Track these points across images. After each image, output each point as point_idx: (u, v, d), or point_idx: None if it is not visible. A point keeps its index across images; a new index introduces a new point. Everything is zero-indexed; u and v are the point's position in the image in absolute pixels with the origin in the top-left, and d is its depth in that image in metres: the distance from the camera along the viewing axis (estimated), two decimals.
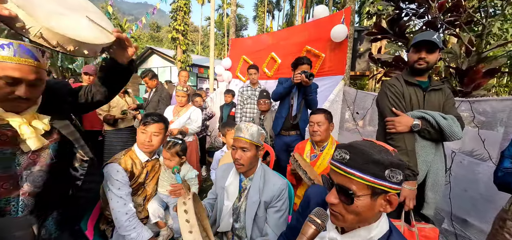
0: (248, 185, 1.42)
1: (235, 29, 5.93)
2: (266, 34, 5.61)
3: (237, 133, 1.39)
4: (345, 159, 0.73)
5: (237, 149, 1.36)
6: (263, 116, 3.15)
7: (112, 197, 1.45)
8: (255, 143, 1.36)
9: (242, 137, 1.35)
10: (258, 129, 1.38)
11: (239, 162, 1.35)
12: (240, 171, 1.41)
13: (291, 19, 31.30)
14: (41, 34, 0.75)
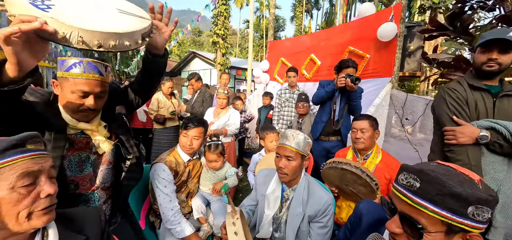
0: (290, 195, 1.37)
1: (273, 31, 5.95)
2: (305, 36, 5.50)
3: (282, 140, 1.33)
4: (414, 186, 0.62)
5: (282, 157, 1.30)
6: (301, 120, 3.09)
7: (159, 194, 1.58)
8: (301, 153, 1.30)
9: (287, 146, 1.28)
10: (305, 138, 1.31)
11: (283, 171, 1.30)
12: (283, 180, 1.36)
13: (331, 18, 30.07)
14: (81, 39, 0.74)
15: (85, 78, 1.02)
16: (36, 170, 0.66)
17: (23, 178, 0.63)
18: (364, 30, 3.73)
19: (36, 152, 0.67)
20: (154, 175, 1.60)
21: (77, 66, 1.01)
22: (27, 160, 0.64)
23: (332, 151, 2.52)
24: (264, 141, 2.23)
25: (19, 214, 0.63)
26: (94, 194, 1.21)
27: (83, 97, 1.03)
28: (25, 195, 0.63)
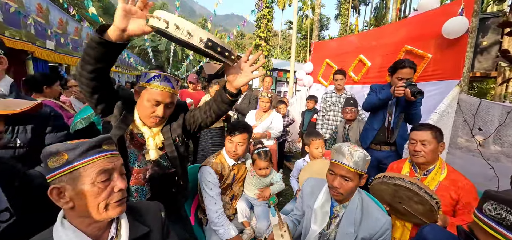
0: (340, 212, 1.27)
1: (318, 32, 5.75)
2: (353, 35, 5.17)
3: (337, 156, 1.20)
4: (508, 220, 0.52)
5: (336, 176, 1.19)
6: (348, 126, 2.90)
7: (206, 196, 1.66)
8: (359, 172, 1.18)
9: (345, 165, 1.15)
10: (365, 156, 1.18)
11: (338, 191, 1.19)
12: (336, 199, 1.26)
13: (381, 14, 27.67)
14: (188, 32, 0.93)
15: (160, 90, 1.16)
16: (110, 168, 0.76)
17: (101, 174, 0.73)
18: (425, 26, 3.31)
19: (110, 152, 0.78)
20: (201, 177, 1.69)
21: (156, 78, 1.16)
22: (103, 159, 0.75)
23: (384, 161, 2.30)
24: (309, 147, 2.15)
25: (99, 205, 0.73)
26: (144, 188, 1.30)
27: (155, 106, 1.17)
28: (103, 189, 0.73)
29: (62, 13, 6.58)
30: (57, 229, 0.73)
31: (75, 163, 0.71)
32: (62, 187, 0.71)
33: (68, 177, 0.71)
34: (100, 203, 0.73)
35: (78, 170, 0.71)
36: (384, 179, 1.47)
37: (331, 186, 1.22)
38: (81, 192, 0.71)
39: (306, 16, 34.89)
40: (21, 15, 4.65)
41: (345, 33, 23.84)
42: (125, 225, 0.82)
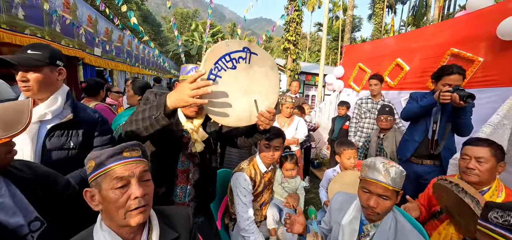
0: (371, 231, 1.17)
1: (349, 34, 5.51)
2: (390, 38, 4.86)
3: (371, 173, 1.10)
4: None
5: (372, 195, 1.10)
6: (383, 135, 2.71)
7: (238, 202, 1.67)
8: (397, 190, 1.09)
9: (382, 182, 1.06)
10: (401, 172, 1.09)
11: (374, 211, 1.10)
12: (372, 218, 1.16)
13: (421, 13, 25.61)
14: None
15: None
16: (127, 175, 0.77)
17: (117, 181, 0.75)
18: (476, 26, 2.97)
19: (129, 159, 0.79)
20: (235, 183, 1.70)
21: (192, 70, 1.29)
22: (121, 166, 0.77)
23: (425, 177, 2.10)
24: (340, 156, 2.06)
25: (118, 211, 0.75)
26: (187, 188, 1.41)
27: None
28: (120, 196, 0.75)
29: (108, 23, 7.27)
30: (97, 230, 0.79)
31: (99, 170, 0.76)
32: (93, 191, 0.78)
33: (95, 182, 0.77)
34: (119, 209, 0.75)
35: (101, 176, 0.76)
36: (453, 187, 1.32)
37: (366, 206, 1.12)
38: (104, 197, 0.75)
39: (336, 17, 33.79)
40: (74, 26, 5.23)
41: (379, 34, 22.48)
42: (156, 230, 0.85)
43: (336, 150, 2.12)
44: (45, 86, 1.17)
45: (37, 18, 4.25)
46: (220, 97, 1.03)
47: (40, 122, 1.16)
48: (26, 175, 0.89)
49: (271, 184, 1.93)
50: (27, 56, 1.13)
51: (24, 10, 3.91)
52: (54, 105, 1.18)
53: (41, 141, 1.14)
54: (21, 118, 0.72)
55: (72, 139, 1.23)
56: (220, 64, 1.01)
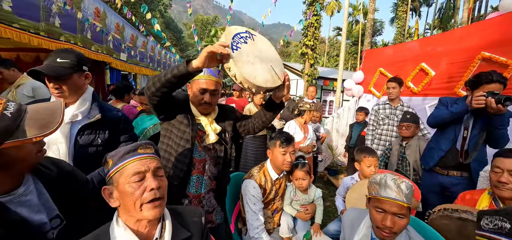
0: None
1: (370, 39, 5.36)
2: (413, 41, 4.66)
3: (384, 192, 1.05)
4: (506, 228, 0.59)
5: (387, 214, 1.05)
6: (405, 143, 2.59)
7: (248, 210, 1.67)
8: (410, 206, 1.05)
9: (396, 200, 1.02)
10: (411, 186, 1.06)
11: (392, 231, 1.04)
12: (386, 238, 1.09)
13: (448, 15, 24.27)
14: (240, 81, 1.12)
15: (204, 79, 1.37)
16: (143, 170, 0.82)
17: (134, 175, 0.80)
18: (510, 29, 2.77)
19: (144, 155, 0.84)
20: (245, 190, 1.70)
21: (201, 71, 1.35)
22: (136, 161, 0.82)
23: (451, 189, 1.97)
24: (359, 164, 1.99)
25: (134, 204, 0.79)
26: (204, 179, 1.46)
27: (202, 94, 1.38)
28: (136, 189, 0.80)
29: (133, 30, 7.68)
30: (113, 226, 0.83)
31: (116, 166, 0.81)
32: (110, 188, 0.83)
33: (113, 178, 0.82)
34: (135, 202, 0.79)
35: (118, 172, 0.81)
36: (446, 212, 1.25)
37: (382, 226, 1.06)
38: (122, 191, 0.80)
39: (356, 21, 33.01)
40: (103, 33, 5.60)
41: (402, 38, 21.55)
42: (169, 228, 0.88)
43: (355, 157, 2.05)
44: (75, 90, 1.29)
45: (71, 26, 4.60)
46: (245, 62, 1.15)
47: (71, 123, 1.27)
48: (52, 173, 0.94)
49: (283, 191, 1.89)
50: (57, 65, 1.22)
51: (60, 19, 4.25)
52: (83, 107, 1.30)
53: (73, 140, 1.26)
54: (54, 118, 0.75)
55: (100, 136, 1.35)
56: (235, 40, 1.18)
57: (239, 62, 1.11)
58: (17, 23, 3.49)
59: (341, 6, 31.12)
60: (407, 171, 2.54)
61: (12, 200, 0.78)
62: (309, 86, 4.60)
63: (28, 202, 0.82)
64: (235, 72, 1.10)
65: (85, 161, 1.25)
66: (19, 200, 0.80)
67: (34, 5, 3.77)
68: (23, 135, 0.68)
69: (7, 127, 0.66)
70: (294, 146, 1.74)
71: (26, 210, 0.80)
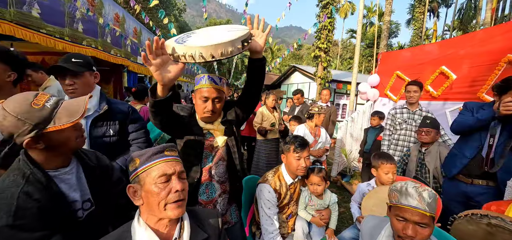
0: None
1: (386, 41, 5.23)
2: (432, 44, 4.49)
3: (405, 200, 1.02)
4: None
5: (409, 223, 1.01)
6: (425, 149, 2.49)
7: (262, 214, 1.66)
8: (433, 215, 1.01)
9: (418, 209, 0.98)
10: (435, 195, 1.02)
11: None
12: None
13: (469, 16, 23.24)
14: (200, 54, 1.02)
15: (206, 87, 1.37)
16: (170, 173, 0.86)
17: (161, 176, 0.84)
18: None
19: (170, 157, 0.89)
20: (260, 194, 1.69)
21: (202, 79, 1.40)
22: (163, 163, 0.86)
23: (476, 199, 1.88)
24: (376, 170, 1.93)
25: (159, 203, 0.83)
26: (213, 185, 1.48)
27: (204, 102, 1.39)
28: (162, 189, 0.83)
29: (150, 34, 7.93)
30: (134, 225, 0.86)
31: (143, 166, 0.85)
32: (136, 186, 0.86)
33: (139, 177, 0.85)
34: (160, 202, 0.83)
35: (145, 171, 0.85)
36: (474, 217, 1.19)
37: (403, 235, 1.03)
38: (147, 191, 0.84)
39: (370, 23, 32.33)
40: (122, 37, 5.82)
41: (419, 40, 20.83)
42: (187, 229, 0.90)
43: (372, 163, 2.00)
44: (87, 87, 1.44)
45: (93, 31, 4.82)
46: (195, 39, 1.09)
47: (85, 118, 1.43)
48: (92, 163, 1.08)
49: (298, 195, 1.88)
50: (74, 63, 1.39)
51: (83, 24, 4.47)
52: (92, 102, 1.45)
53: (87, 132, 1.41)
54: (79, 108, 0.91)
55: (111, 128, 1.48)
56: (178, 40, 1.11)
57: (189, 43, 1.05)
58: (45, 29, 3.70)
59: (354, 8, 30.60)
60: (427, 178, 2.44)
61: (57, 176, 0.95)
62: (323, 89, 4.55)
63: (68, 180, 0.98)
64: (186, 50, 1.02)
65: (102, 151, 1.34)
66: (62, 177, 0.96)
67: (60, 11, 3.99)
68: (59, 122, 0.86)
69: (45, 116, 0.85)
70: (308, 151, 1.72)
71: (65, 186, 0.96)
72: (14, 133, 0.83)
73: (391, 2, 8.33)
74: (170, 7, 25.94)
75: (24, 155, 0.89)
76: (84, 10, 4.33)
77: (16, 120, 0.81)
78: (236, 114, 1.56)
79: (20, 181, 0.85)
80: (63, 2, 3.98)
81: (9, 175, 0.87)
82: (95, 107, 1.46)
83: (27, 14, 3.40)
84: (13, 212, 0.80)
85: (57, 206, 0.91)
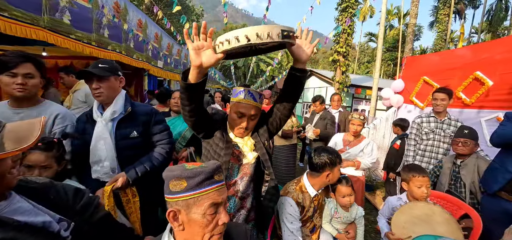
0: None
1: (411, 44, 4.98)
2: (464, 48, 4.23)
3: None
4: None
5: None
6: (460, 161, 2.30)
7: (285, 229, 1.58)
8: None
9: None
10: None
11: None
12: None
13: (499, 18, 21.81)
14: (245, 36, 0.98)
15: (244, 103, 1.29)
16: (220, 202, 0.77)
17: (211, 207, 0.75)
18: None
19: (220, 184, 0.79)
20: (281, 208, 1.62)
21: (241, 93, 1.31)
22: (214, 191, 0.76)
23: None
24: (408, 184, 1.80)
25: (204, 236, 0.76)
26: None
27: (239, 117, 1.32)
28: (210, 221, 0.76)
29: (170, 39, 8.16)
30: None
31: (192, 192, 0.74)
32: (178, 211, 0.76)
33: (184, 203, 0.75)
34: (205, 234, 0.76)
35: (193, 198, 0.74)
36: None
37: None
38: (192, 220, 0.75)
39: (390, 26, 31.28)
40: (144, 42, 6.02)
41: (444, 44, 19.79)
42: None
43: (402, 176, 1.87)
44: (112, 91, 1.49)
45: (117, 36, 5.02)
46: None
47: (112, 120, 1.49)
48: (32, 185, 0.85)
49: (322, 207, 1.78)
50: (100, 68, 1.45)
51: (109, 30, 4.66)
52: (118, 105, 1.51)
53: (114, 133, 1.49)
54: (32, 133, 0.70)
55: (135, 129, 1.53)
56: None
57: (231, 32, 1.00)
58: (74, 34, 3.90)
59: (374, 11, 29.79)
60: (462, 193, 2.25)
61: (3, 210, 0.71)
62: (333, 95, 4.42)
63: (20, 208, 0.75)
64: (229, 36, 0.99)
65: (125, 152, 1.49)
66: (8, 209, 0.72)
67: (88, 18, 4.19)
68: (1, 149, 0.63)
69: None
70: (340, 165, 1.62)
71: (21, 216, 0.73)
72: None
73: (417, 4, 7.95)
74: (189, 13, 26.67)
75: None
76: (111, 16, 4.51)
77: None
78: (267, 127, 1.45)
79: None
80: (91, 9, 4.17)
81: None
82: (120, 109, 1.51)
83: (59, 21, 3.60)
84: None
85: (35, 232, 0.72)
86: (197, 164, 0.81)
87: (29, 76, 1.35)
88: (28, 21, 3.06)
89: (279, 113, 1.40)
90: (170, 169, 0.78)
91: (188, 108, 1.18)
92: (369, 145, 2.66)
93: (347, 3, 9.20)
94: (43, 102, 1.50)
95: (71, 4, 3.77)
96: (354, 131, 2.67)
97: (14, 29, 2.80)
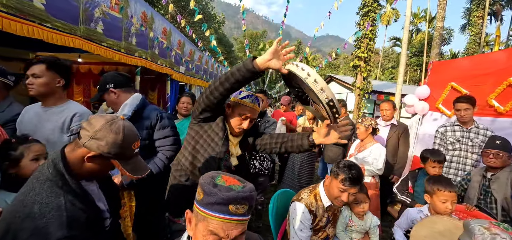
0: None
1: (438, 49, 4.73)
2: (497, 52, 3.93)
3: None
4: None
5: None
6: (491, 175, 2.14)
7: (293, 236, 1.56)
8: None
9: None
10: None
11: None
12: None
13: None
14: (308, 74, 1.09)
15: (251, 107, 1.38)
16: (222, 236, 0.71)
17: (211, 235, 0.72)
18: None
19: (231, 217, 0.71)
20: (292, 214, 1.60)
21: (249, 97, 1.40)
22: (220, 222, 0.71)
23: None
24: (431, 197, 1.71)
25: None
26: None
27: (244, 120, 1.40)
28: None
29: (192, 45, 8.49)
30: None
31: (201, 208, 0.73)
32: (192, 218, 0.79)
33: (195, 212, 0.77)
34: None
35: (202, 214, 0.74)
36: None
37: None
38: (197, 231, 0.76)
39: (417, 30, 29.81)
40: (168, 49, 6.33)
41: (477, 47, 18.42)
42: None
43: (426, 187, 1.78)
44: (113, 105, 1.67)
45: (144, 43, 5.35)
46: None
47: None
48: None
49: (336, 218, 1.74)
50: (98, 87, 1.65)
51: (136, 38, 4.99)
52: (125, 110, 1.60)
53: None
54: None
55: (141, 132, 1.58)
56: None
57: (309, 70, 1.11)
58: (105, 42, 4.22)
59: (398, 15, 28.63)
60: (492, 209, 2.08)
61: (85, 186, 0.92)
62: (383, 103, 4.28)
63: (93, 191, 0.97)
64: (309, 70, 1.08)
65: None
66: (87, 187, 0.93)
67: (118, 27, 4.52)
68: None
69: None
70: (357, 189, 1.55)
71: (92, 197, 0.94)
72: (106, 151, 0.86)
73: (445, 7, 7.50)
74: (210, 20, 27.55)
75: (62, 164, 0.83)
76: (138, 25, 4.83)
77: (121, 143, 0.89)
78: (254, 144, 1.55)
79: (57, 191, 0.79)
80: (122, 19, 4.50)
81: (35, 187, 0.79)
82: (128, 113, 1.61)
83: (93, 30, 3.93)
84: (65, 223, 0.75)
85: (97, 216, 0.91)
86: (233, 181, 0.77)
87: (36, 76, 1.46)
88: (67, 31, 3.38)
89: (270, 148, 1.51)
90: (207, 174, 0.79)
91: (229, 86, 1.20)
92: (375, 152, 2.59)
93: (369, 7, 8.95)
94: (67, 102, 1.61)
95: (104, 14, 4.10)
96: (359, 136, 2.71)
97: (55, 38, 3.11)
